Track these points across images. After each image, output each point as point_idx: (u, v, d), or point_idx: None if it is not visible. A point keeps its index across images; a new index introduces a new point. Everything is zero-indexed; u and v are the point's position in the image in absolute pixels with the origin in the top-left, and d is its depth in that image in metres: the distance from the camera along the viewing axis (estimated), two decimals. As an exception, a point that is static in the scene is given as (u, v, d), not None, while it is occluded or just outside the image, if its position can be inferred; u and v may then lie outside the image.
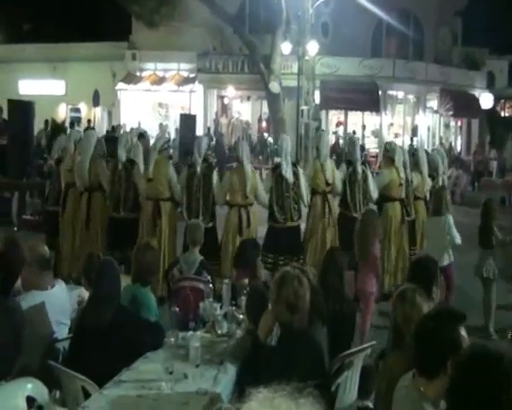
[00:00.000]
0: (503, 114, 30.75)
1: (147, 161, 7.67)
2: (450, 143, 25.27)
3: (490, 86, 27.69)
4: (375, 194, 7.92)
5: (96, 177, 7.85)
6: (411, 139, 23.17)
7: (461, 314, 2.65)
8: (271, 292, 3.43)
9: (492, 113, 28.11)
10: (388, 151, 8.14)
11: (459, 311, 2.69)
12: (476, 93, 26.76)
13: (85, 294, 4.51)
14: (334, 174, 7.77)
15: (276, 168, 7.56)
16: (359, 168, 7.80)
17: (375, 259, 6.10)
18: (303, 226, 7.84)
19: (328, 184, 7.68)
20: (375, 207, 8.00)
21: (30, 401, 3.16)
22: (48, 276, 4.23)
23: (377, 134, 23.21)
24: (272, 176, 7.53)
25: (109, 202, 7.76)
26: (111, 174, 7.76)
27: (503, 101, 30.28)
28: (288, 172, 7.37)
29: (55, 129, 21.15)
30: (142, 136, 14.66)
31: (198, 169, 7.38)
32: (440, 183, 8.67)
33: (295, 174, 7.45)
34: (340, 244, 7.53)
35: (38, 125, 17.57)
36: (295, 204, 7.41)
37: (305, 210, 7.86)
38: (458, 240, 6.87)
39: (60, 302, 4.16)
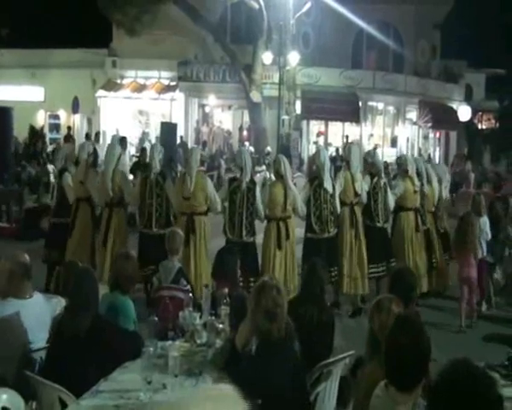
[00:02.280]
0: (480, 127, 31.24)
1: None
2: (429, 155, 25.56)
3: (468, 99, 28.13)
4: (392, 204, 8.15)
5: (119, 191, 7.47)
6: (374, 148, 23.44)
7: (418, 318, 2.68)
8: (250, 301, 3.44)
9: (470, 125, 28.55)
10: (401, 164, 8.49)
11: (416, 316, 2.72)
12: (454, 105, 27.15)
13: (63, 303, 4.46)
14: (362, 185, 7.92)
15: (314, 179, 7.59)
16: (382, 179, 8.02)
17: (475, 247, 7.46)
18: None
19: (356, 194, 7.84)
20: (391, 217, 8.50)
21: (5, 412, 3.12)
22: (27, 285, 4.16)
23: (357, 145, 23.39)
24: (310, 187, 7.57)
25: (140, 218, 7.47)
26: (140, 188, 7.42)
27: (480, 113, 30.79)
28: (328, 184, 7.49)
29: (33, 136, 20.98)
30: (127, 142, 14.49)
31: (244, 184, 7.19)
32: (444, 195, 9.11)
33: (332, 185, 7.59)
34: (368, 255, 7.77)
35: (18, 132, 17.38)
36: (331, 215, 7.51)
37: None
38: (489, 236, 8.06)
39: (37, 313, 4.08)
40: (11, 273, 4.07)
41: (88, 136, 19.84)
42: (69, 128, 21.87)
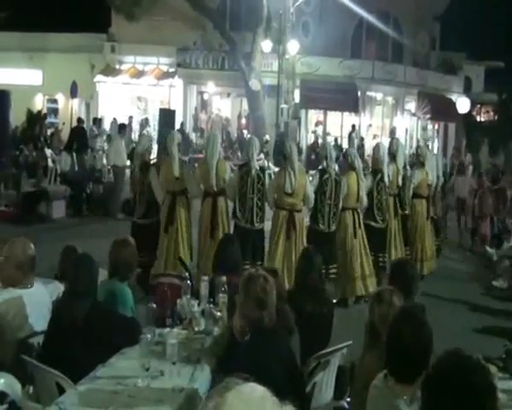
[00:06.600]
0: (478, 119, 31.18)
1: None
2: (428, 147, 25.50)
3: (466, 91, 28.03)
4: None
5: (223, 181, 7.37)
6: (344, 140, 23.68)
7: (421, 311, 2.69)
8: (239, 293, 3.44)
9: (469, 117, 28.48)
10: (420, 155, 9.02)
11: (418, 309, 2.73)
12: (453, 97, 27.08)
13: (61, 288, 4.44)
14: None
15: (377, 173, 7.94)
16: (386, 176, 8.08)
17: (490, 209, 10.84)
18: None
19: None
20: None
21: (2, 396, 3.11)
22: (30, 276, 4.07)
23: (357, 135, 23.38)
24: (373, 180, 7.90)
25: (240, 213, 7.27)
26: (240, 182, 7.26)
27: (479, 106, 30.69)
28: (387, 177, 7.99)
29: (31, 120, 20.85)
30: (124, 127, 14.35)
31: (333, 175, 7.40)
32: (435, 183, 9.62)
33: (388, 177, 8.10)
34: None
35: (16, 116, 17.25)
36: (386, 206, 8.09)
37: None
38: None
39: (37, 304, 4.03)
40: (18, 266, 3.99)
41: (85, 121, 19.68)
42: (79, 120, 20.71)
